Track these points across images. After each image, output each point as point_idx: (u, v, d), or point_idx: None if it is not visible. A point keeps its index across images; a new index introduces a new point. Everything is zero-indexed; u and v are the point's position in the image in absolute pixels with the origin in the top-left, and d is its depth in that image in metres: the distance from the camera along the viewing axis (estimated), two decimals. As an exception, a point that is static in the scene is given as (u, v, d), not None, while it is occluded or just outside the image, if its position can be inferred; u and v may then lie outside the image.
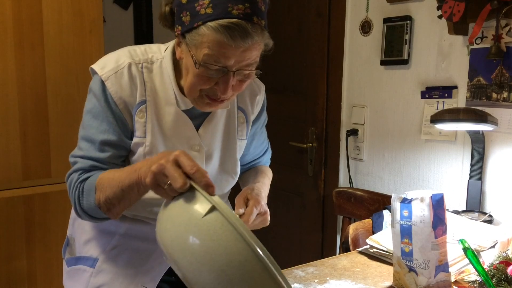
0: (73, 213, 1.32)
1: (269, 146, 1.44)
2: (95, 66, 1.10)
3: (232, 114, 1.24)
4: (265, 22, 1.02)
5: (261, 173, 1.33)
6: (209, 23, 0.96)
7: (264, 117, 1.35)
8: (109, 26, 3.12)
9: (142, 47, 1.16)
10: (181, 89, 1.12)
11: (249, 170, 1.39)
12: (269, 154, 1.44)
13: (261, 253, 0.73)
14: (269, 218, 1.12)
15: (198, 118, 1.17)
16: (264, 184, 1.25)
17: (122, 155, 1.12)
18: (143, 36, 3.46)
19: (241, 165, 1.32)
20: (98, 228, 1.22)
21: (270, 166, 1.46)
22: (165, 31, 1.15)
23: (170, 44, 1.15)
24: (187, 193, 0.79)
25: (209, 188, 0.78)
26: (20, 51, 1.95)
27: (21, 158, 2.00)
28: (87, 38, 2.09)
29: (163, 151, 0.96)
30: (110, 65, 1.09)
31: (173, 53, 1.13)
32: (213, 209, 0.75)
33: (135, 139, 1.11)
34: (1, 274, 1.99)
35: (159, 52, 1.15)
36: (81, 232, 1.26)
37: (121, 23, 3.38)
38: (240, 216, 1.05)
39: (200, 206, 0.76)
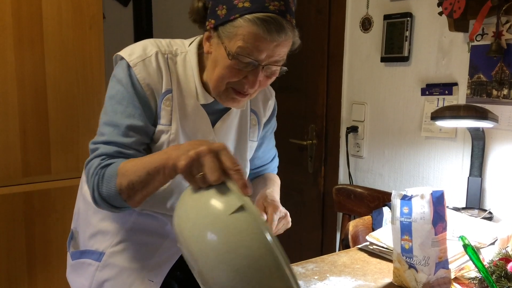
0: (77, 207, 1.31)
1: (277, 154, 1.46)
2: (122, 53, 1.11)
3: (245, 116, 1.26)
4: (295, 21, 1.05)
5: (270, 180, 1.35)
6: (246, 16, 0.99)
7: (274, 123, 1.38)
8: (109, 22, 3.11)
9: (166, 40, 1.18)
10: (203, 84, 1.14)
11: (258, 178, 1.40)
12: (276, 162, 1.46)
13: (282, 260, 0.71)
14: (290, 219, 1.14)
15: (214, 115, 1.19)
16: (275, 191, 1.26)
17: (145, 142, 1.11)
18: (143, 32, 3.44)
19: (249, 169, 1.34)
20: (104, 222, 1.21)
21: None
22: (165, 29, 1.16)
23: (195, 39, 1.18)
24: (218, 186, 0.77)
25: (245, 189, 0.77)
26: (19, 47, 1.95)
27: (21, 155, 1.99)
28: (86, 35, 2.08)
29: (199, 139, 0.95)
30: (138, 53, 1.10)
31: (198, 48, 1.15)
32: (241, 208, 0.73)
33: (159, 127, 1.11)
34: (1, 270, 1.99)
35: (183, 46, 1.17)
36: (85, 226, 1.25)
37: (120, 20, 3.37)
38: None
39: (230, 202, 0.74)
